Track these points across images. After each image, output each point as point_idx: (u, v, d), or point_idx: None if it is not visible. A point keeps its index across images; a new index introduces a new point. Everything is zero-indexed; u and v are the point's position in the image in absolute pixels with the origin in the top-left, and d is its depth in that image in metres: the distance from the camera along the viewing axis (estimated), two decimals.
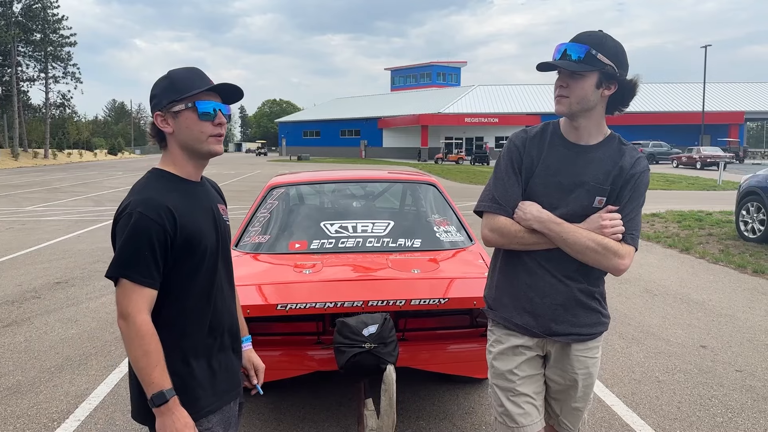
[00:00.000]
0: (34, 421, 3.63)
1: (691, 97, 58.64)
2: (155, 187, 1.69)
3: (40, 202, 17.15)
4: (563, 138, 2.03)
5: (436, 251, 3.79)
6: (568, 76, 1.91)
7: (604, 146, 2.00)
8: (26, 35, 56.80)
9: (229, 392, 1.83)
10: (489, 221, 2.05)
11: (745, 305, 6.12)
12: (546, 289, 2.02)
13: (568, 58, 1.90)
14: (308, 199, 4.82)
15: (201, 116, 1.71)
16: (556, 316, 2.03)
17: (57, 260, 8.52)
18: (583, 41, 1.90)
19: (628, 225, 1.96)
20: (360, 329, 2.82)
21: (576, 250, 1.92)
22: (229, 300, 1.87)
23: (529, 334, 2.06)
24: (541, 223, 1.95)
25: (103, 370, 4.42)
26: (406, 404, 3.79)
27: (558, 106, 1.96)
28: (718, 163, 29.08)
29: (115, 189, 22.22)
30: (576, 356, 2.08)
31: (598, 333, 2.09)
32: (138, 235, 1.61)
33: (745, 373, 4.34)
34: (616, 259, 1.91)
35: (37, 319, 5.68)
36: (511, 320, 2.09)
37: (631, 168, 1.97)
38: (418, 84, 79.26)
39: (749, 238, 9.68)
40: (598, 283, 2.06)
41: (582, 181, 1.96)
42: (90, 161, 59.85)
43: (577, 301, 2.02)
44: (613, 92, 1.93)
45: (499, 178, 2.05)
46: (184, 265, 1.69)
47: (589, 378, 2.11)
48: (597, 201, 1.97)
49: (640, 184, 1.98)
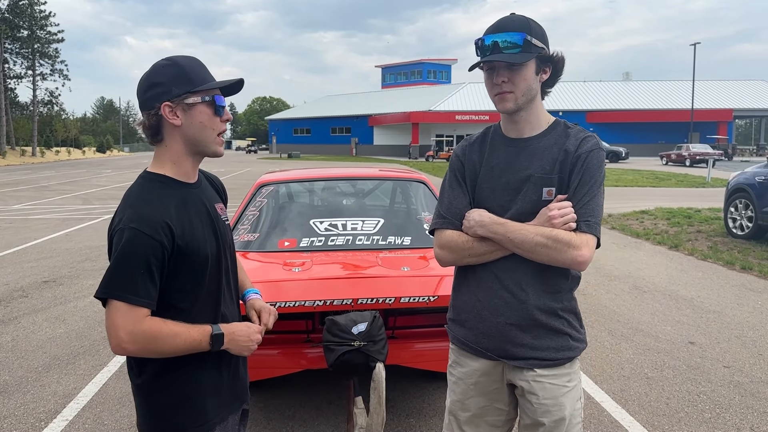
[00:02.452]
0: (22, 421, 3.60)
1: (680, 95, 58.98)
2: (149, 199, 1.57)
3: (27, 201, 17.01)
4: (504, 136, 1.88)
5: (425, 249, 3.78)
6: (507, 69, 1.74)
7: (548, 134, 1.83)
8: (13, 32, 56.26)
9: (235, 401, 1.77)
10: (437, 238, 1.90)
11: (733, 302, 6.17)
12: (499, 306, 1.81)
13: (503, 50, 1.72)
14: (298, 196, 4.80)
15: (218, 111, 1.62)
16: (511, 337, 1.81)
17: (44, 259, 8.45)
18: (516, 28, 1.73)
19: (581, 211, 1.72)
20: (349, 327, 2.81)
21: (525, 249, 1.72)
22: (235, 302, 1.81)
23: (484, 356, 1.86)
24: (483, 226, 1.77)
25: (91, 369, 4.38)
26: (396, 402, 3.79)
27: (504, 104, 1.78)
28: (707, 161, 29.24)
29: (104, 187, 22.08)
30: (540, 383, 1.82)
31: (566, 359, 1.82)
32: (133, 254, 1.49)
33: (733, 369, 4.37)
34: (571, 251, 1.67)
35: (24, 319, 5.63)
36: (464, 340, 1.91)
37: (577, 149, 1.77)
38: (408, 81, 79.22)
39: (737, 235, 9.75)
40: (561, 299, 1.82)
41: (528, 175, 1.79)
42: (78, 159, 59.44)
43: (536, 321, 1.79)
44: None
45: (443, 192, 1.93)
46: (184, 278, 1.59)
47: (560, 411, 1.81)
48: (546, 193, 1.78)
49: (589, 165, 1.76)
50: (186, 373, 1.62)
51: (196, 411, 1.64)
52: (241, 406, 1.82)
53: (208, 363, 1.66)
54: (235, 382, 1.77)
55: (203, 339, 1.57)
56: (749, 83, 64.97)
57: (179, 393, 1.63)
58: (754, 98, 59.85)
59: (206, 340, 1.58)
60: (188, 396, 1.63)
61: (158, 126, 1.60)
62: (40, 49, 59.40)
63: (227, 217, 1.82)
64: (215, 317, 1.68)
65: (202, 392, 1.65)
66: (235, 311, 1.80)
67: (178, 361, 1.59)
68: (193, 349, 1.57)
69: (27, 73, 59.85)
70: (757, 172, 9.59)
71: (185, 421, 1.63)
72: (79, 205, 15.81)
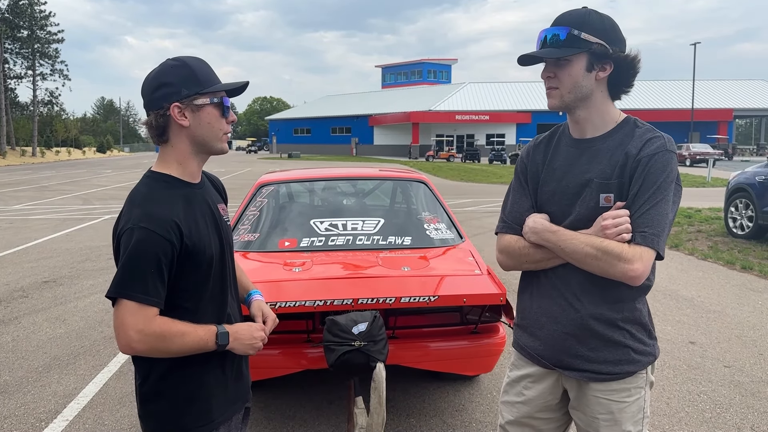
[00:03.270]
0: (22, 421, 3.60)
1: (680, 95, 59.01)
2: (157, 199, 1.57)
3: (27, 201, 17.01)
4: (569, 136, 1.79)
5: (426, 249, 3.78)
6: (553, 64, 1.68)
7: (614, 135, 1.71)
8: (13, 32, 56.22)
9: (238, 401, 1.77)
10: (498, 242, 1.86)
11: (733, 301, 6.16)
12: (557, 313, 1.74)
13: (549, 44, 1.68)
14: (298, 196, 4.80)
15: (225, 112, 1.63)
16: (567, 347, 1.73)
17: (45, 259, 8.45)
18: (563, 22, 1.66)
19: (639, 221, 1.60)
20: (350, 327, 2.80)
21: (576, 259, 1.65)
22: (237, 301, 1.81)
23: (540, 363, 1.81)
24: (536, 233, 1.72)
25: (92, 369, 4.38)
26: (396, 402, 3.78)
27: (550, 101, 1.72)
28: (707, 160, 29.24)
29: (104, 187, 22.08)
30: (595, 397, 1.73)
31: (625, 373, 1.71)
32: (143, 253, 1.48)
33: (733, 369, 4.37)
34: (622, 264, 1.57)
35: (24, 319, 5.63)
36: (522, 345, 1.88)
37: (639, 151, 1.63)
38: (408, 81, 79.26)
39: (738, 235, 9.75)
40: (622, 308, 1.70)
41: (587, 179, 1.69)
42: (78, 159, 59.44)
43: (592, 332, 1.70)
44: (610, 72, 1.67)
45: (508, 195, 1.89)
46: (190, 278, 1.60)
47: (615, 426, 1.72)
48: (603, 199, 1.67)
49: (652, 168, 1.61)
50: (191, 373, 1.63)
51: (201, 411, 1.64)
52: (244, 405, 1.82)
53: (212, 363, 1.66)
54: (238, 382, 1.77)
55: (209, 338, 1.58)
56: (749, 83, 64.96)
57: (184, 394, 1.63)
58: (755, 98, 59.86)
59: (212, 339, 1.58)
60: (193, 397, 1.63)
61: (165, 126, 1.60)
62: (40, 49, 59.38)
63: (228, 218, 1.83)
64: (221, 317, 1.68)
65: (206, 392, 1.66)
66: (237, 311, 1.80)
67: (183, 361, 1.59)
68: (200, 349, 1.57)
69: (27, 73, 59.85)
70: (757, 172, 9.58)
71: (189, 421, 1.63)
72: (80, 205, 15.81)
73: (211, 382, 1.66)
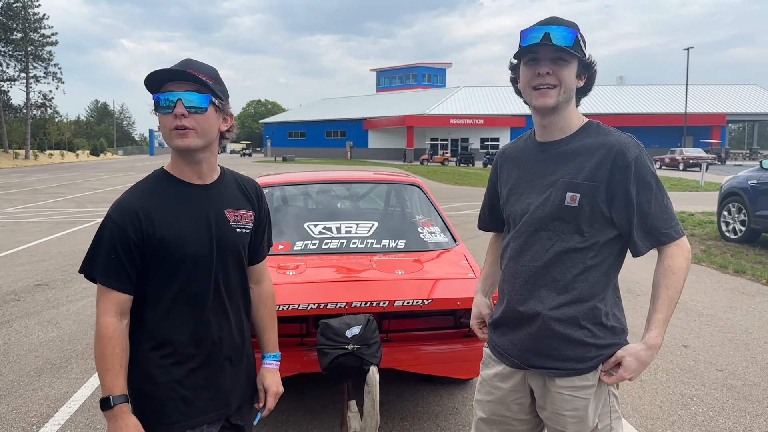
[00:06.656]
0: (13, 425, 3.57)
1: (674, 99, 59.25)
2: (139, 190, 1.67)
3: (20, 204, 16.92)
4: (534, 140, 1.84)
5: (420, 252, 3.78)
6: (552, 61, 1.67)
7: (578, 137, 1.75)
8: (6, 34, 55.91)
9: (210, 412, 1.71)
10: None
11: (726, 305, 6.19)
12: (522, 314, 1.78)
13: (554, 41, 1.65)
14: (292, 200, 4.79)
15: (159, 109, 1.62)
16: (531, 346, 1.76)
17: (37, 262, 8.41)
18: (569, 24, 1.67)
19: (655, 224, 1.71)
20: (343, 330, 2.80)
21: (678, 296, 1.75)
22: (230, 312, 1.76)
23: (507, 362, 1.84)
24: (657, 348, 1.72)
25: (84, 373, 4.36)
26: (390, 405, 3.78)
27: (545, 99, 1.68)
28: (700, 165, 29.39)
29: (97, 190, 21.99)
30: (560, 394, 1.74)
31: (587, 369, 1.72)
32: (102, 238, 1.61)
33: (726, 372, 4.38)
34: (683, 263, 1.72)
35: (16, 322, 5.59)
36: (492, 343, 1.91)
37: (616, 156, 1.67)
38: (403, 85, 79.41)
39: (730, 239, 9.79)
40: (583, 308, 1.72)
41: (553, 180, 1.73)
42: (72, 162, 59.17)
43: (554, 332, 1.72)
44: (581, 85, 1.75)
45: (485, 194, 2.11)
46: (158, 271, 1.63)
47: (581, 423, 1.72)
48: (569, 198, 1.69)
49: (640, 170, 1.68)
50: (152, 368, 1.64)
51: (156, 410, 1.65)
52: (220, 420, 1.76)
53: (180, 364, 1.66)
54: (214, 392, 1.72)
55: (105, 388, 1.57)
56: (742, 88, 65.33)
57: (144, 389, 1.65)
58: (747, 103, 60.18)
59: (104, 393, 1.57)
60: (149, 393, 1.65)
61: None
62: (34, 51, 59.08)
63: (244, 225, 1.78)
64: (197, 320, 1.68)
65: (166, 392, 1.65)
66: (228, 326, 1.76)
67: (146, 355, 1.64)
68: (100, 380, 1.60)
69: (20, 76, 59.50)
70: (749, 176, 9.63)
71: (144, 418, 1.63)
72: (73, 208, 15.74)
73: (173, 383, 1.65)
